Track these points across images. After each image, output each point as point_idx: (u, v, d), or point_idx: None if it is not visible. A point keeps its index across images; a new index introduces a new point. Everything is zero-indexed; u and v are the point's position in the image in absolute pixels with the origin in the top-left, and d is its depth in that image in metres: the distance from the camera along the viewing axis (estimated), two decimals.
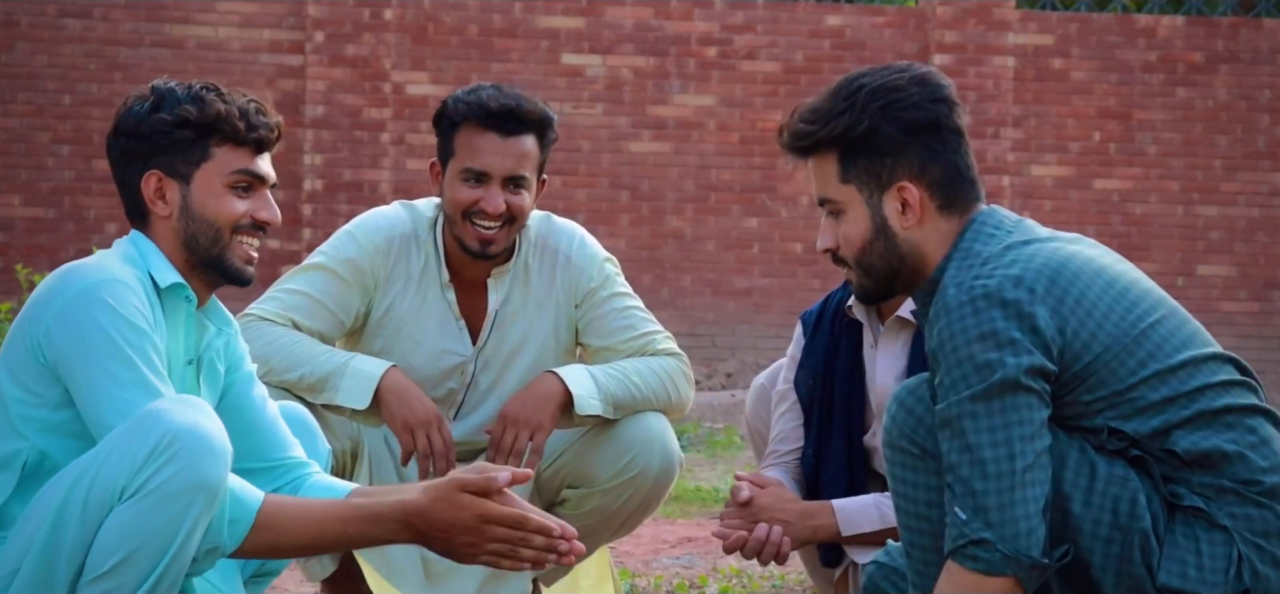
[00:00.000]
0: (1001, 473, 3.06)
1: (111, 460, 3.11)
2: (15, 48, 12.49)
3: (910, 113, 3.23)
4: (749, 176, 12.96)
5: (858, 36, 13.01)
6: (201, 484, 3.10)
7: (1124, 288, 3.19)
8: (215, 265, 3.38)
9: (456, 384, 4.43)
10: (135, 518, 3.10)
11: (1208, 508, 3.12)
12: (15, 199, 12.49)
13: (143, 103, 3.39)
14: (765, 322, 12.88)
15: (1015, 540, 3.05)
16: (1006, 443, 3.06)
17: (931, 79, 3.27)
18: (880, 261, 3.28)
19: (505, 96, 4.31)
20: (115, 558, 3.11)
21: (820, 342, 4.26)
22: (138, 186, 3.38)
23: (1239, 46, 13.31)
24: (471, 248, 4.31)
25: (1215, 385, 3.16)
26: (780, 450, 4.28)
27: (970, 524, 3.06)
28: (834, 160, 3.27)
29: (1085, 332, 3.12)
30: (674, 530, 6.76)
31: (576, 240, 4.46)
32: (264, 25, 12.67)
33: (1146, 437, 3.13)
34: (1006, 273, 3.11)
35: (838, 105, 3.25)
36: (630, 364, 4.36)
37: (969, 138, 3.30)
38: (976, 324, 3.08)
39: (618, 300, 4.44)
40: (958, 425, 3.09)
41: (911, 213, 3.24)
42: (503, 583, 4.36)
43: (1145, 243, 13.09)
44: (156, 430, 3.10)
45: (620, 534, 4.49)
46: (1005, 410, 3.07)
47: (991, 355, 3.06)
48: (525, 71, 12.72)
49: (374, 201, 12.61)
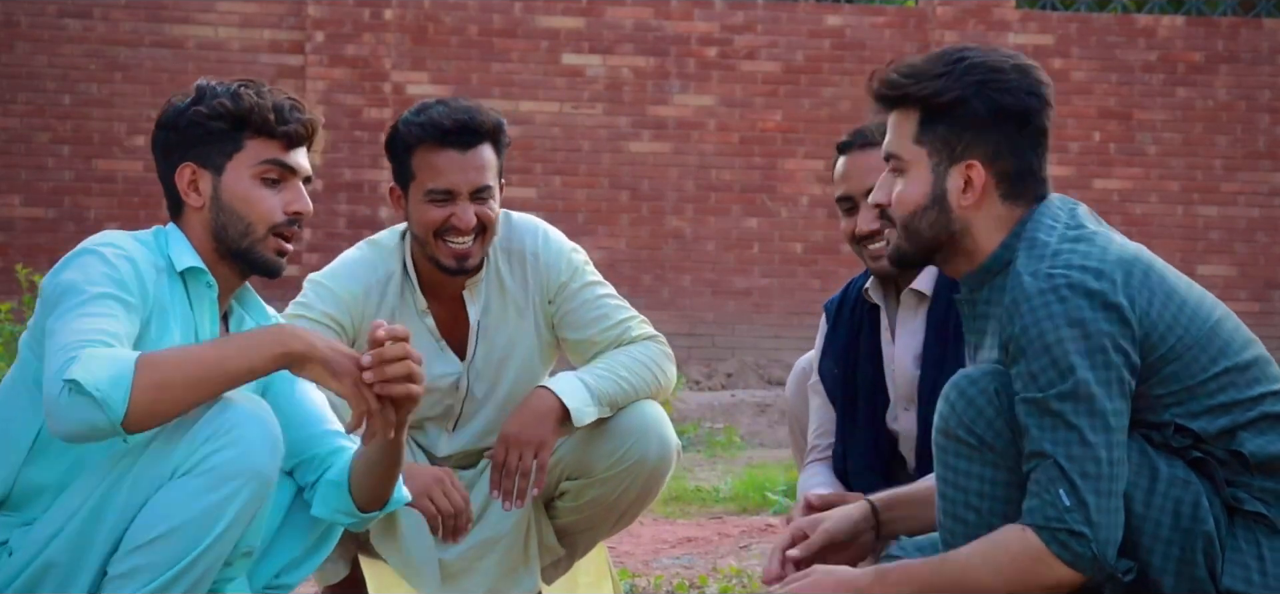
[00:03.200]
0: (1100, 474, 3.05)
1: (174, 439, 3.18)
2: (15, 48, 12.49)
3: (1003, 96, 3.21)
4: (749, 176, 12.95)
5: (858, 36, 13.01)
6: (255, 471, 3.18)
7: (1189, 284, 3.20)
8: (244, 256, 3.45)
9: (453, 401, 4.44)
10: (185, 495, 3.17)
11: (1269, 513, 3.11)
12: (15, 199, 12.49)
13: (185, 99, 3.49)
14: (765, 322, 12.87)
15: (1106, 544, 3.05)
16: (1099, 446, 3.05)
17: (1033, 73, 3.26)
18: (928, 230, 3.26)
19: (457, 111, 4.30)
20: (158, 530, 3.16)
21: (842, 329, 4.28)
22: (172, 178, 3.47)
23: (1239, 46, 13.31)
24: (448, 266, 4.30)
25: (1278, 391, 3.16)
26: (821, 445, 4.29)
27: (1072, 513, 3.04)
28: (914, 118, 3.25)
29: (1163, 323, 3.11)
30: (674, 530, 6.76)
31: (541, 236, 4.45)
32: (264, 25, 12.66)
33: (1213, 436, 3.12)
34: (1085, 263, 3.10)
35: (936, 68, 3.24)
36: (615, 358, 4.37)
37: (1049, 142, 3.28)
38: (1064, 313, 3.06)
39: (589, 291, 4.44)
40: (1057, 415, 3.06)
41: (972, 193, 3.22)
42: (513, 582, 4.39)
43: (1145, 243, 12.88)
44: (222, 415, 3.17)
45: (621, 525, 4.50)
46: (1093, 413, 3.05)
47: (1081, 352, 3.05)
48: (525, 71, 12.71)
49: (374, 202, 12.62)
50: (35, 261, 11.48)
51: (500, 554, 4.41)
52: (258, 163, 3.44)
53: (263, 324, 3.53)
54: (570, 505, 4.41)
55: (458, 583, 4.39)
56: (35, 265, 11.00)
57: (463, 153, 4.28)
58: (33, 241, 12.34)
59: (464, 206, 4.26)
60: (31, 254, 12.08)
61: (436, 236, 4.28)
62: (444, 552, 4.37)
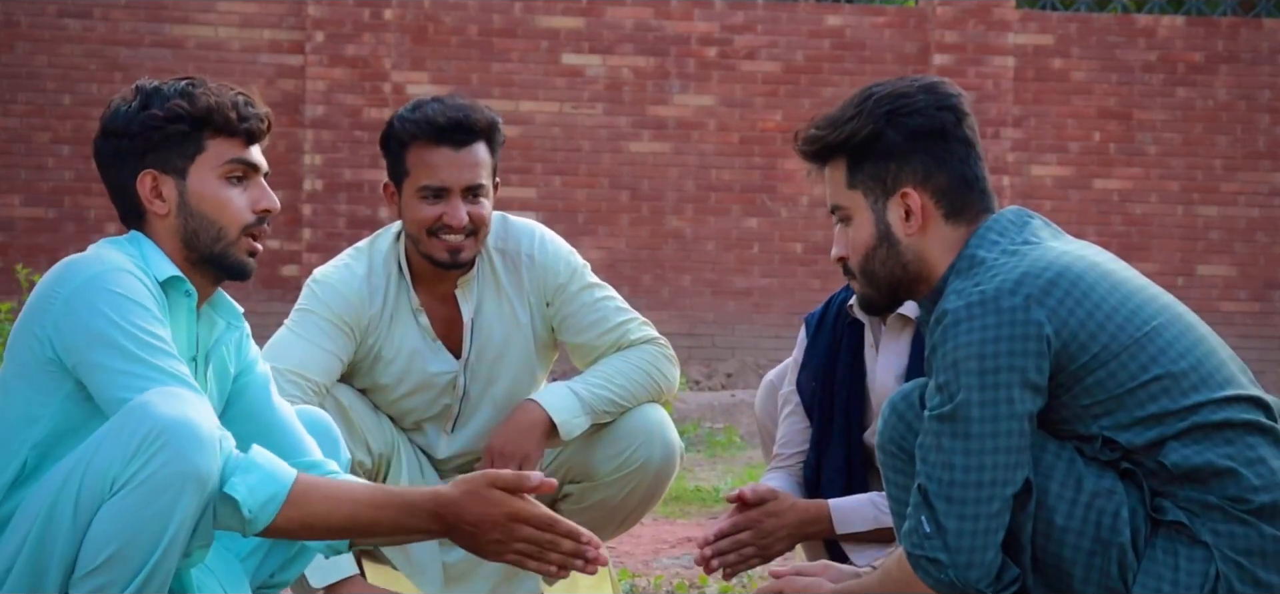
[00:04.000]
0: (966, 498, 3.09)
1: (101, 455, 3.10)
2: (15, 48, 12.49)
3: (914, 119, 3.25)
4: (749, 176, 12.95)
5: (858, 36, 13.01)
6: (191, 474, 3.08)
7: (1129, 292, 3.18)
8: (217, 261, 3.36)
9: (449, 400, 4.44)
10: (126, 511, 3.09)
11: (1191, 523, 3.10)
12: (15, 199, 12.49)
13: (128, 103, 3.38)
14: (765, 322, 12.87)
15: (966, 570, 3.09)
16: (978, 468, 3.09)
17: (940, 88, 3.29)
18: (882, 269, 3.29)
19: (451, 109, 4.31)
20: (107, 552, 3.10)
21: (822, 343, 4.28)
22: (133, 187, 3.36)
23: (1239, 46, 13.30)
24: (442, 261, 4.30)
25: (1218, 400, 3.13)
26: (785, 455, 4.30)
27: (930, 540, 3.11)
28: (843, 166, 3.31)
29: (1085, 332, 3.11)
30: (674, 530, 6.76)
31: (536, 238, 4.45)
32: (264, 25, 12.66)
33: (1140, 449, 3.12)
34: (1006, 277, 3.12)
35: (847, 112, 3.30)
36: (612, 364, 4.36)
37: (980, 148, 3.31)
38: (969, 331, 3.09)
39: (588, 293, 4.43)
40: (935, 436, 3.12)
41: (914, 220, 3.25)
42: (515, 586, 4.39)
43: (1145, 243, 13.09)
44: (144, 423, 3.08)
45: (624, 528, 4.50)
46: (981, 435, 3.09)
47: (973, 371, 3.08)
48: (525, 71, 12.71)
49: (374, 202, 12.62)
50: (35, 262, 11.48)
51: None
52: (222, 163, 3.35)
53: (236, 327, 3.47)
54: (574, 508, 4.40)
55: (460, 585, 4.39)
56: (35, 265, 10.99)
57: (456, 150, 4.29)
58: (33, 241, 12.34)
59: (456, 205, 4.26)
60: (31, 254, 12.08)
61: (430, 234, 4.29)
62: (446, 554, 4.38)
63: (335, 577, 4.16)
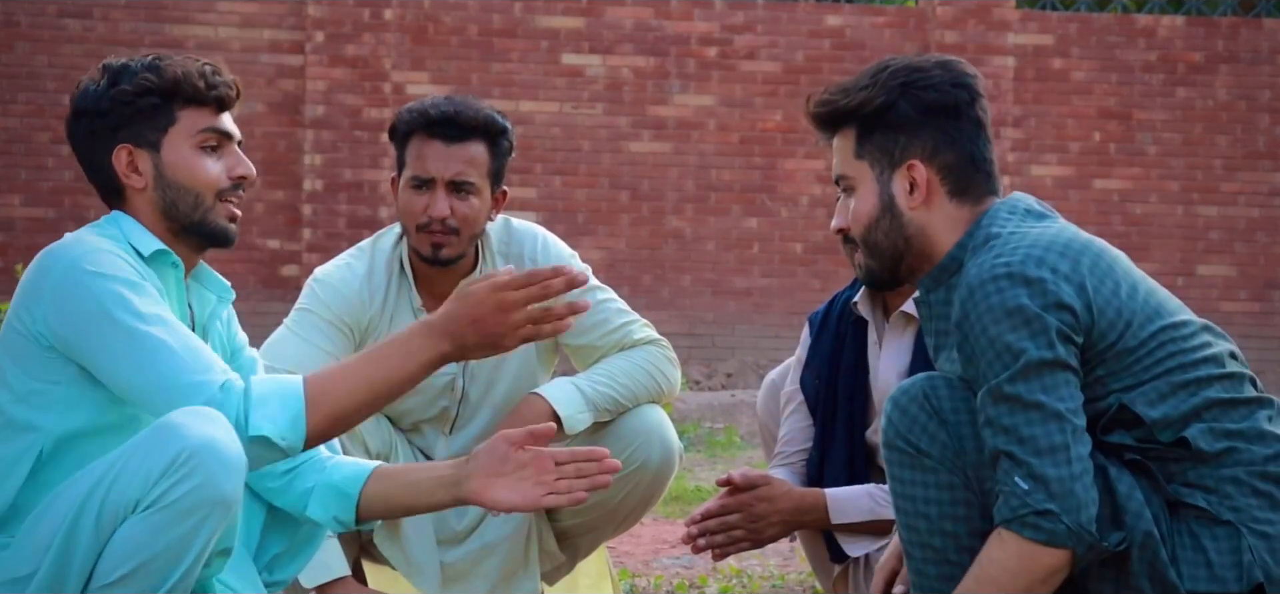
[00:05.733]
0: (1055, 447, 3.05)
1: (127, 471, 3.11)
2: (15, 48, 12.49)
3: (928, 93, 3.26)
4: (749, 176, 12.95)
5: (858, 36, 13.01)
6: (218, 500, 3.09)
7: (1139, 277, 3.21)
8: (197, 229, 3.38)
9: (448, 402, 4.44)
10: (149, 531, 3.09)
11: (1209, 505, 3.12)
12: (15, 199, 12.50)
13: (96, 82, 3.41)
14: (765, 322, 12.87)
15: (1077, 513, 3.04)
16: (1056, 417, 3.06)
17: (956, 66, 3.30)
18: (885, 240, 3.29)
19: (449, 104, 4.36)
20: (125, 568, 3.10)
21: (826, 341, 4.29)
22: (108, 164, 3.38)
23: (1239, 46, 13.31)
24: (426, 256, 4.33)
25: (1222, 377, 3.16)
26: (787, 451, 4.31)
27: (1033, 495, 3.05)
28: (852, 136, 3.31)
29: (1112, 308, 3.12)
30: (674, 530, 6.76)
31: (540, 241, 4.47)
32: (264, 25, 12.66)
33: (1156, 423, 3.12)
34: (1028, 251, 3.12)
35: (862, 81, 3.30)
36: (614, 364, 4.37)
37: (990, 132, 3.32)
38: (1002, 303, 3.08)
39: (588, 295, 4.44)
40: (1011, 400, 3.08)
41: (918, 193, 3.26)
42: (515, 585, 4.39)
43: (1145, 243, 13.09)
44: (175, 444, 3.08)
45: (623, 528, 4.51)
46: (1045, 389, 3.06)
47: (1023, 335, 3.06)
48: (525, 71, 12.72)
49: (374, 202, 12.62)
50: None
51: (501, 557, 4.42)
52: (195, 132, 3.37)
53: (223, 297, 3.50)
54: (573, 509, 4.40)
55: (459, 585, 4.39)
56: None
57: (447, 144, 4.32)
58: (33, 241, 12.33)
59: (439, 196, 4.29)
60: (31, 254, 12.05)
61: (419, 229, 4.31)
62: (446, 554, 4.38)
63: (325, 577, 4.16)
